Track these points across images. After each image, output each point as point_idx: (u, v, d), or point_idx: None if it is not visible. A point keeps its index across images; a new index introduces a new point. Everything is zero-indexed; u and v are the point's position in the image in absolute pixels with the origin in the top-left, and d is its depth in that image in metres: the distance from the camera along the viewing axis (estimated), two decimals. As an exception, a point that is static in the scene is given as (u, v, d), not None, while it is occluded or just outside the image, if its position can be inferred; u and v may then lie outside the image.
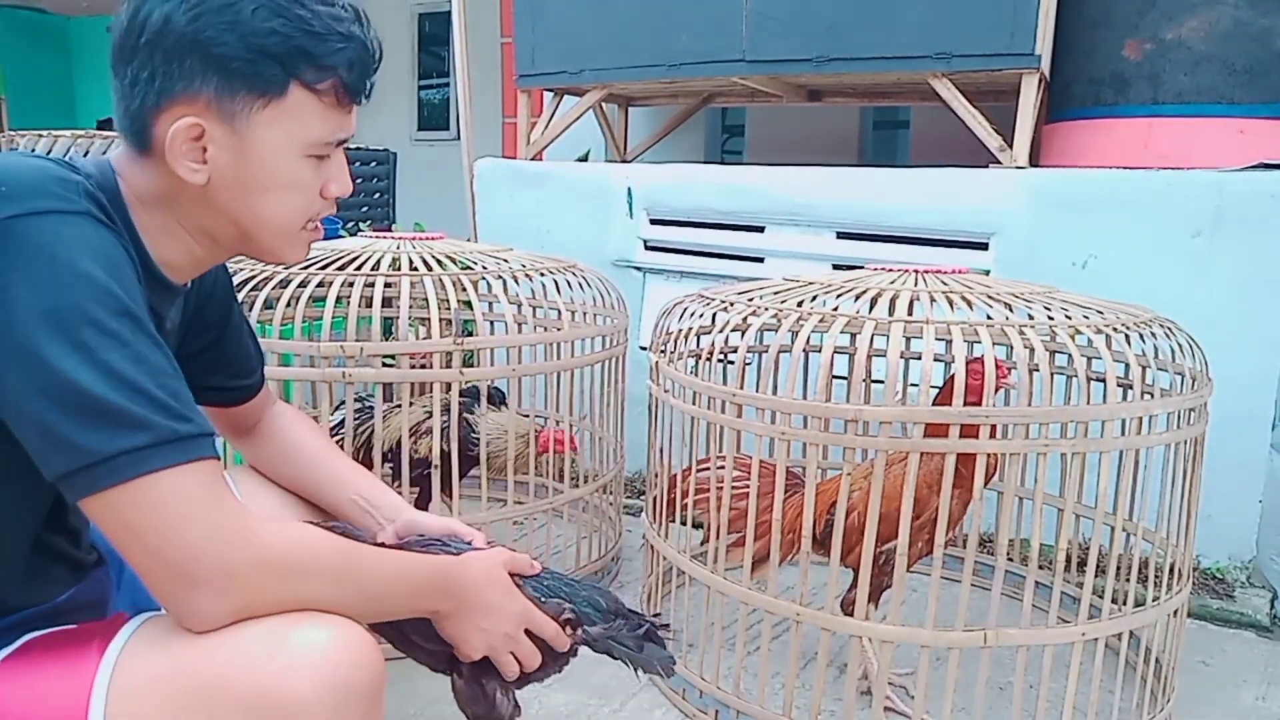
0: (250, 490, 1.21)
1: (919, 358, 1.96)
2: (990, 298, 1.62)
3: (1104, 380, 1.46)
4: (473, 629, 1.05)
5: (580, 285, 2.17)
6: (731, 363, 1.73)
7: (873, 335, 1.49)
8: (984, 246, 2.37)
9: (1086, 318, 1.56)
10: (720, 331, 1.70)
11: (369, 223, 4.17)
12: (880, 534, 1.46)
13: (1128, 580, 1.60)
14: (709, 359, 1.69)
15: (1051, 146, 2.74)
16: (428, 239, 2.16)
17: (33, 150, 2.88)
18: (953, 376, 1.45)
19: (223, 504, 0.82)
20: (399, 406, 1.99)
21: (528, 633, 1.10)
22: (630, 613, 1.23)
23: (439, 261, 1.99)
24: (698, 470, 1.75)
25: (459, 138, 3.66)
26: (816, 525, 1.58)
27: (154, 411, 0.79)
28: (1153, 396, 1.53)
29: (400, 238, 2.15)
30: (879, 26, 2.53)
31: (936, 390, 1.56)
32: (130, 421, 0.78)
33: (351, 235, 2.99)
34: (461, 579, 1.03)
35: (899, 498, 1.45)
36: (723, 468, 1.66)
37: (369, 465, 1.84)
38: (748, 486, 1.67)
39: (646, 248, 2.88)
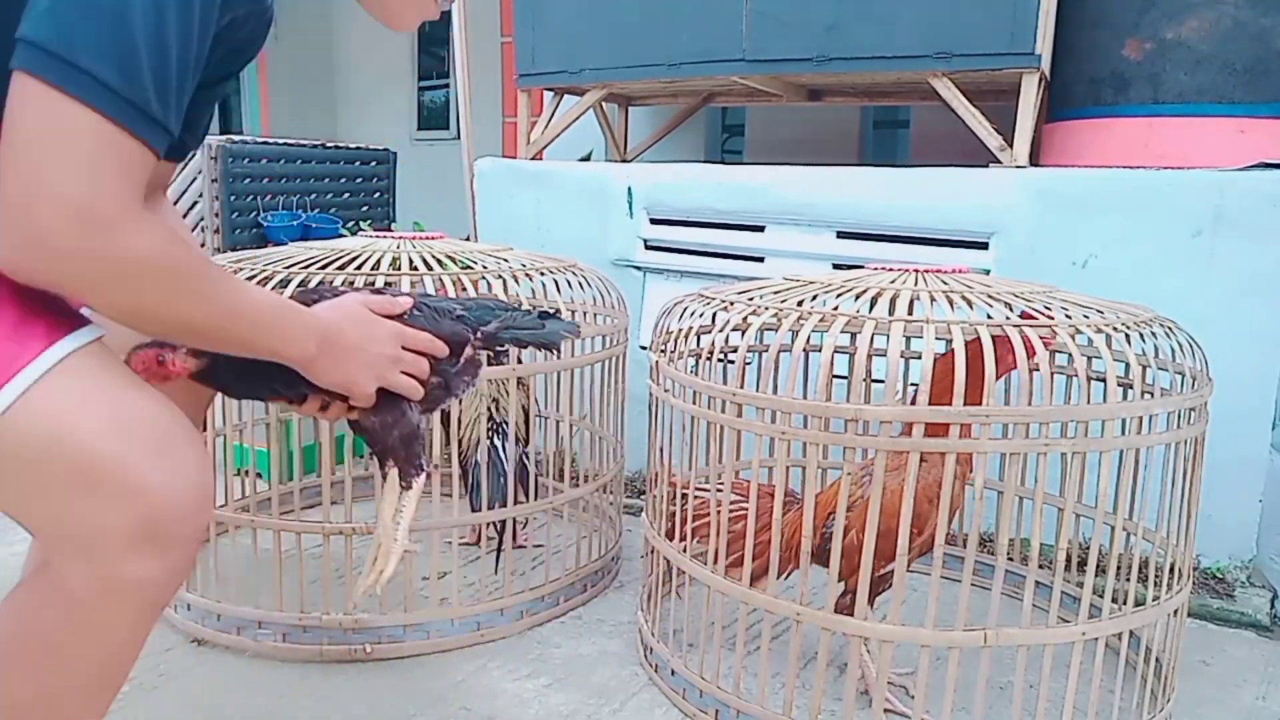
0: None
1: (919, 357, 1.95)
2: (990, 297, 1.62)
3: (1104, 380, 1.46)
4: (355, 367, 1.05)
5: (580, 285, 2.17)
6: (732, 362, 1.73)
7: (873, 335, 1.49)
8: (984, 246, 2.37)
9: (1086, 317, 1.56)
10: (720, 331, 1.70)
11: (369, 222, 4.17)
12: (879, 551, 1.46)
13: (1128, 580, 1.59)
14: (709, 358, 1.69)
15: (1052, 146, 2.74)
16: (427, 238, 2.16)
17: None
18: (951, 366, 1.45)
19: (129, 189, 0.79)
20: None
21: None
22: (523, 309, 1.29)
23: (439, 261, 1.99)
24: (695, 493, 1.74)
25: (459, 137, 3.66)
26: (815, 537, 1.58)
27: (151, 81, 0.77)
28: (1153, 396, 1.53)
29: (400, 237, 2.15)
30: (879, 26, 2.53)
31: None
32: (126, 68, 0.76)
33: (351, 235, 2.99)
34: (319, 318, 1.04)
35: (897, 515, 1.45)
36: (720, 490, 1.66)
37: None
38: (745, 510, 1.67)
39: (646, 247, 2.88)
